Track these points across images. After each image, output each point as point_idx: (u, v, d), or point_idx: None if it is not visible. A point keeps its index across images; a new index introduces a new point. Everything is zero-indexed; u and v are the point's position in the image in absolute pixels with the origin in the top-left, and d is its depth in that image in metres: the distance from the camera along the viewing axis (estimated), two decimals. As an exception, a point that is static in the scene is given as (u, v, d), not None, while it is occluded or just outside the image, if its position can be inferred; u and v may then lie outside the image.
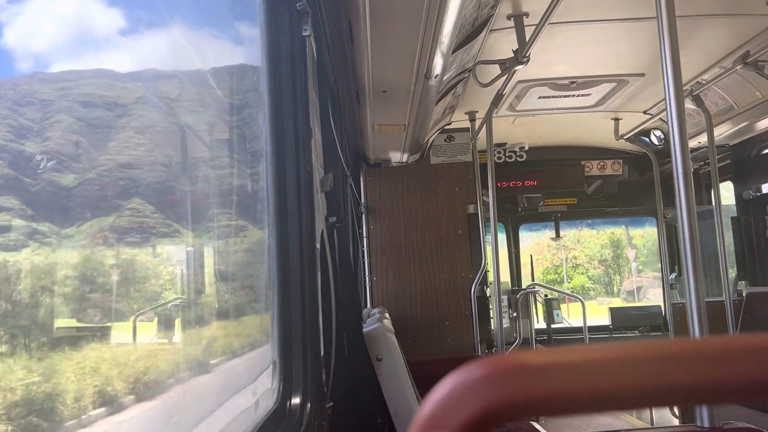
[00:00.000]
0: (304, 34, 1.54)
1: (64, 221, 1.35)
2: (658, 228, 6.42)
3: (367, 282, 5.36)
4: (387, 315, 4.15)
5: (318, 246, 2.03)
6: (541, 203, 6.66)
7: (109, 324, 1.42)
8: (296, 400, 1.42)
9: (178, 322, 1.60)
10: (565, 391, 0.45)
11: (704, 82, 4.38)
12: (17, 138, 1.26)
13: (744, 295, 5.65)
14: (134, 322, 1.51)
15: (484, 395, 0.42)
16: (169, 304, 1.68)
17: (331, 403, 1.69)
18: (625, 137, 5.81)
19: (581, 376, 0.46)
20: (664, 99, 1.86)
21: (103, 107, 1.47)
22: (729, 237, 6.00)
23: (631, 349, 0.48)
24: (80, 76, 1.44)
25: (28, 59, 1.29)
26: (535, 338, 6.15)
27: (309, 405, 1.43)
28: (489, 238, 5.38)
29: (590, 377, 0.46)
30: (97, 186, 1.44)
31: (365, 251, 5.38)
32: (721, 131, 5.25)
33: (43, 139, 1.32)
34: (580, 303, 6.74)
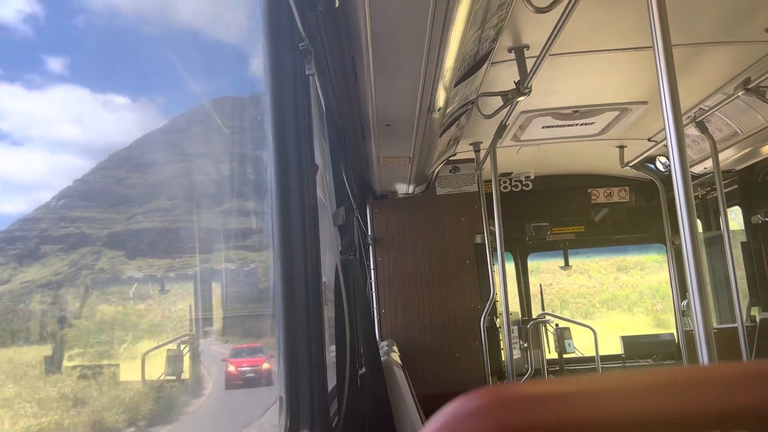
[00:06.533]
0: (308, 73, 1.58)
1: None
2: (667, 255, 6.38)
3: (376, 314, 5.34)
4: (395, 348, 4.12)
5: (329, 280, 2.04)
6: (549, 232, 6.65)
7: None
8: (303, 436, 1.41)
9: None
10: (566, 420, 0.45)
11: (707, 108, 4.40)
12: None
13: (758, 320, 5.57)
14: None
15: (480, 425, 0.43)
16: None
17: (340, 439, 1.67)
18: (631, 164, 5.82)
19: (582, 406, 0.46)
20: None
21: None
22: (740, 262, 5.95)
23: (643, 377, 0.49)
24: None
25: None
26: (547, 369, 6.06)
27: (316, 441, 1.42)
28: (498, 267, 5.36)
29: (593, 406, 0.46)
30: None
31: (373, 283, 5.37)
32: (727, 156, 5.25)
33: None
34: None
